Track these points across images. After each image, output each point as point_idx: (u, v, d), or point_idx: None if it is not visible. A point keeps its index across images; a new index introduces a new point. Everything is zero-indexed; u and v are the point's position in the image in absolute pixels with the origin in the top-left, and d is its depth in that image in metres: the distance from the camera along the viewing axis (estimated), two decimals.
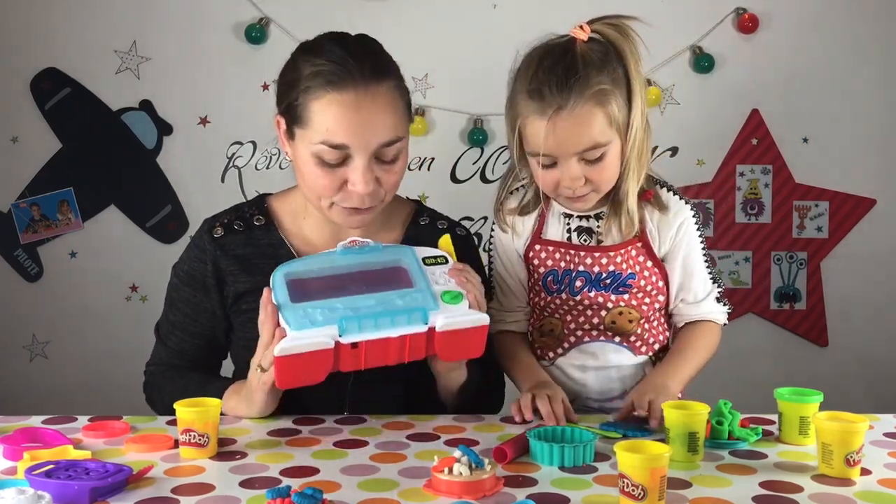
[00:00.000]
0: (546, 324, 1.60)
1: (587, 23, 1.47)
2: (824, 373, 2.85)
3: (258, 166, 2.83)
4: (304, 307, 1.31)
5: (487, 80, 2.82)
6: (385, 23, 2.58)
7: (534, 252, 1.58)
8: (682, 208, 1.55)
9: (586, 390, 1.57)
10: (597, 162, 1.45)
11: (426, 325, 1.30)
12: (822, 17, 2.82)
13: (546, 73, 1.42)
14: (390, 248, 1.43)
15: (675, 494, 1.09)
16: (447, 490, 1.08)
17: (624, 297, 1.54)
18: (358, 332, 1.28)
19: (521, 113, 1.45)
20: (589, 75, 1.41)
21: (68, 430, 1.35)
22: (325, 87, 1.38)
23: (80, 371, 2.86)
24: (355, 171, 1.40)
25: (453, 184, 2.85)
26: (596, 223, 1.55)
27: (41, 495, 0.98)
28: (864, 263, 2.88)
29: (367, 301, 1.32)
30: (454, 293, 1.35)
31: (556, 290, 1.56)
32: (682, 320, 1.59)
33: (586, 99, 1.41)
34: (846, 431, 1.15)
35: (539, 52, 1.47)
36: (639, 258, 1.53)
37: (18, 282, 2.85)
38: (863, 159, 2.87)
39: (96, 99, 2.81)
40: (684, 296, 1.57)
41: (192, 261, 1.55)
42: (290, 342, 1.27)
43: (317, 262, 1.41)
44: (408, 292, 1.34)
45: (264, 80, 2.74)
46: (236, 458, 1.24)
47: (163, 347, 1.60)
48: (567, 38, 1.47)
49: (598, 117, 1.42)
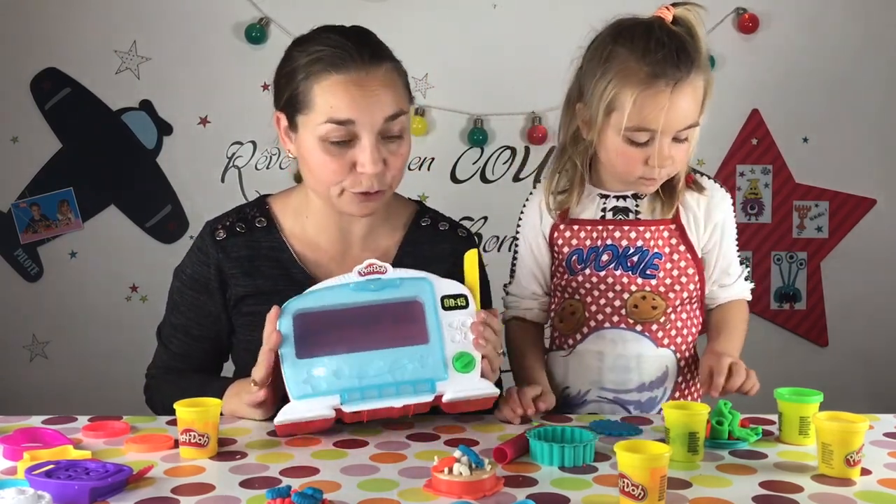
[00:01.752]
0: (567, 306, 1.60)
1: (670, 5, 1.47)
2: (824, 373, 2.85)
3: (258, 166, 2.83)
4: (309, 367, 1.28)
5: (487, 80, 2.86)
6: (385, 23, 2.55)
7: (558, 232, 1.58)
8: (726, 196, 1.58)
9: (602, 380, 1.57)
10: (683, 142, 1.46)
11: (433, 394, 1.28)
12: (822, 17, 2.82)
13: (660, 47, 1.41)
14: (408, 281, 1.34)
15: (675, 494, 1.09)
16: (447, 490, 1.08)
17: (650, 282, 1.53)
18: (360, 402, 1.27)
19: (631, 85, 1.42)
20: (695, 55, 1.43)
21: (68, 430, 1.35)
22: (327, 69, 1.39)
23: (80, 371, 2.86)
24: (363, 151, 1.40)
25: (453, 184, 2.86)
26: (634, 202, 1.56)
27: (41, 495, 0.98)
28: (864, 263, 2.88)
29: (375, 363, 1.28)
30: (467, 359, 1.29)
31: (581, 269, 1.56)
32: (714, 302, 1.61)
33: (698, 76, 1.43)
34: (846, 431, 1.15)
35: (641, 28, 1.46)
36: (671, 240, 1.54)
37: (18, 282, 2.85)
38: (863, 159, 2.87)
39: (96, 99, 2.81)
40: (724, 280, 1.59)
41: (195, 264, 1.55)
42: (291, 414, 1.26)
43: (329, 298, 1.33)
44: (419, 352, 1.29)
45: (264, 80, 2.74)
46: (236, 458, 1.24)
47: (164, 351, 1.60)
48: (654, 17, 1.47)
49: (699, 96, 1.45)
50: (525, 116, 2.82)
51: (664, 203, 1.54)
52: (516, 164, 2.85)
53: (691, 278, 1.55)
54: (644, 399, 1.56)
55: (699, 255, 1.56)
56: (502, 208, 2.79)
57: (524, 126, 2.83)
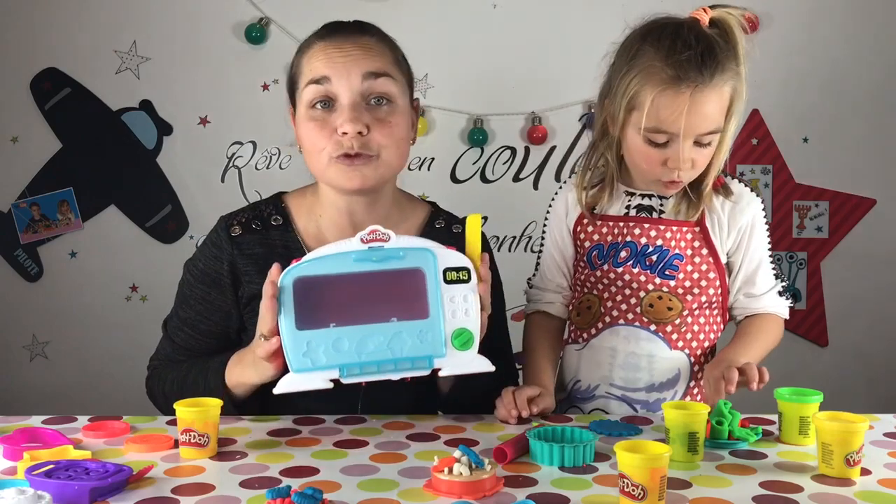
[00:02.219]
0: (584, 300, 1.60)
1: (709, 7, 1.47)
2: (824, 373, 2.85)
3: (258, 166, 2.83)
4: (309, 339, 1.26)
5: (487, 80, 2.86)
6: (385, 23, 2.55)
7: (581, 226, 1.59)
8: (754, 199, 1.56)
9: (611, 376, 1.57)
10: (705, 147, 1.45)
11: (430, 370, 1.28)
12: (822, 17, 2.82)
13: (686, 48, 1.41)
14: (411, 251, 1.31)
15: (675, 494, 1.09)
16: (447, 490, 1.08)
17: (668, 283, 1.53)
18: (359, 377, 1.27)
19: (652, 85, 1.42)
20: (725, 59, 1.42)
21: (68, 430, 1.35)
22: (314, 41, 1.47)
23: (80, 371, 2.86)
24: (341, 113, 1.42)
25: (453, 184, 2.86)
26: (659, 201, 1.55)
27: (41, 495, 0.98)
28: (864, 263, 2.88)
29: (374, 337, 1.27)
30: (466, 336, 1.29)
31: (600, 264, 1.56)
32: (742, 314, 1.59)
33: (724, 82, 1.42)
34: (846, 431, 1.15)
35: (671, 27, 1.45)
36: (693, 243, 1.53)
37: (18, 282, 2.85)
38: (863, 159, 2.87)
39: (96, 99, 2.81)
40: (748, 289, 1.57)
41: (207, 259, 1.54)
42: (289, 386, 1.26)
43: (331, 265, 1.31)
44: (418, 327, 1.28)
45: (264, 80, 2.74)
46: (236, 458, 1.24)
47: (169, 343, 1.59)
48: (689, 18, 1.46)
49: (724, 102, 1.44)
50: (525, 116, 2.82)
51: (690, 205, 1.53)
52: (516, 165, 2.85)
53: (712, 282, 1.54)
54: (652, 400, 1.56)
55: (723, 259, 1.55)
56: (502, 208, 2.79)
57: (524, 126, 2.83)
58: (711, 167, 1.50)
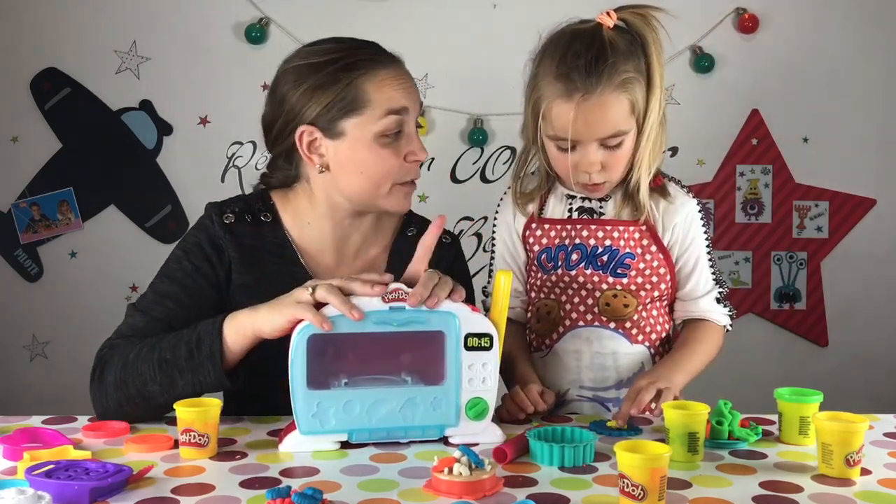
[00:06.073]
0: (542, 306, 1.60)
1: (614, 10, 1.47)
2: (824, 373, 2.85)
3: (258, 166, 2.83)
4: (319, 400, 1.25)
5: (487, 80, 2.86)
6: (385, 23, 2.57)
7: (530, 231, 1.60)
8: (688, 201, 1.56)
9: (580, 378, 1.57)
10: (615, 149, 1.46)
11: (440, 437, 1.29)
12: (822, 17, 2.82)
13: (575, 57, 1.43)
14: (434, 314, 1.26)
15: (675, 494, 1.09)
16: (447, 490, 1.08)
17: (621, 281, 1.54)
18: (368, 439, 1.27)
19: (546, 95, 1.45)
20: (617, 63, 1.42)
21: (68, 430, 1.35)
22: (373, 65, 1.44)
23: (80, 371, 2.83)
24: (411, 139, 1.46)
25: (453, 184, 2.86)
26: (598, 204, 1.56)
27: (41, 495, 0.98)
28: (864, 263, 2.89)
29: (386, 403, 1.26)
30: (481, 407, 1.28)
31: (551, 267, 1.57)
32: (680, 317, 1.60)
33: (614, 86, 1.42)
34: (846, 431, 1.15)
35: (567, 35, 1.47)
36: (642, 241, 1.54)
37: (18, 282, 2.86)
38: (863, 159, 2.87)
39: (96, 99, 2.81)
40: (682, 290, 1.58)
41: (202, 236, 1.52)
42: (297, 445, 1.26)
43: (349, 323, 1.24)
44: (433, 394, 1.27)
45: (264, 80, 2.73)
46: (236, 458, 1.24)
47: (141, 318, 1.48)
48: (593, 23, 1.47)
49: (623, 104, 1.44)
50: None
51: (630, 205, 1.54)
52: None
53: (662, 277, 1.56)
54: (622, 396, 1.56)
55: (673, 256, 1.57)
56: None
57: None
58: (634, 170, 1.50)
